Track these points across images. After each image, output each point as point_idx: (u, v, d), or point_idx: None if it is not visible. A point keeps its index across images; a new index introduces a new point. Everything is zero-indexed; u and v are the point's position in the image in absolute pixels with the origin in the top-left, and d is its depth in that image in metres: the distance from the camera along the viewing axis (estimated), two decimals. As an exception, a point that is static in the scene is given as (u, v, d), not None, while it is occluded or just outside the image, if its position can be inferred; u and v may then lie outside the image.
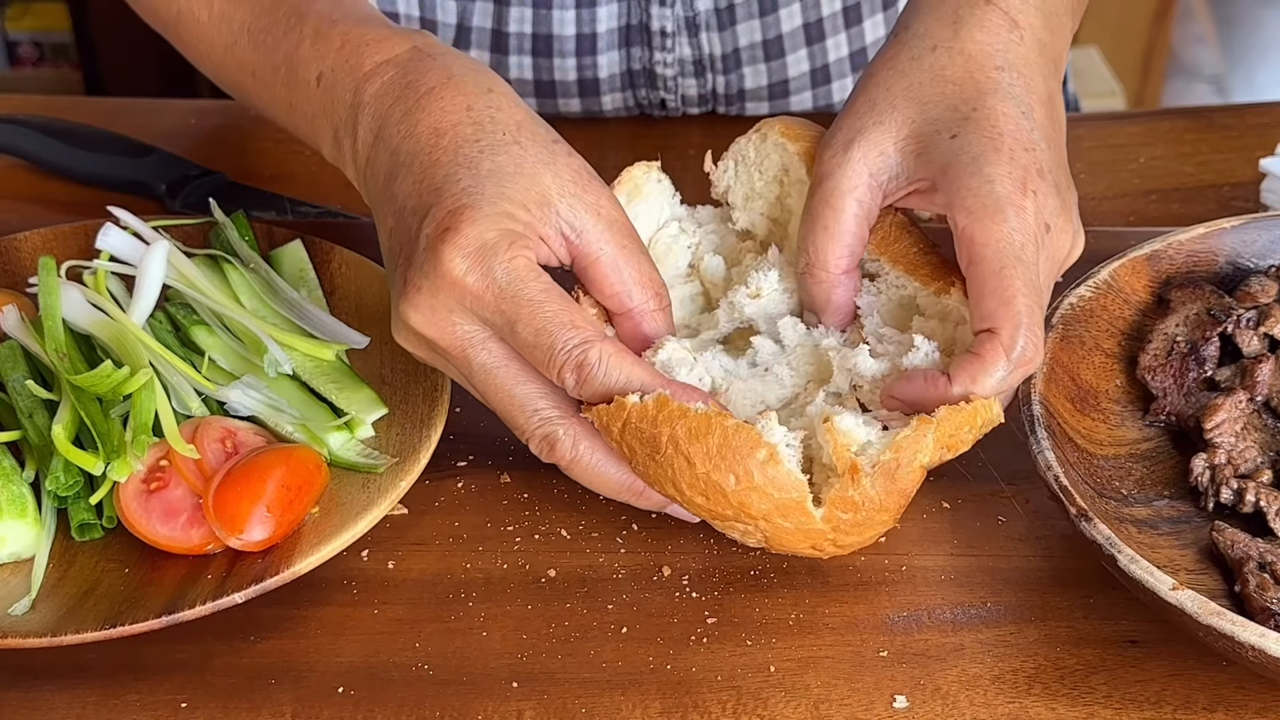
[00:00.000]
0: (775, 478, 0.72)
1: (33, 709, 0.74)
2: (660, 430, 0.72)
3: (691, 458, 0.72)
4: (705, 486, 0.72)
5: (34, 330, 0.87)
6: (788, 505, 0.73)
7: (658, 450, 0.73)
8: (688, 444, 0.72)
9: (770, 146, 0.86)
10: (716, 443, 0.72)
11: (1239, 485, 0.79)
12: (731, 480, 0.72)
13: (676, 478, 0.73)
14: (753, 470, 0.72)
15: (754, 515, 0.73)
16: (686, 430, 0.72)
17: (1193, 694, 0.74)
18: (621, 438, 0.73)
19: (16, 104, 1.24)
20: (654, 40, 1.19)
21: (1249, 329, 0.85)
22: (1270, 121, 1.20)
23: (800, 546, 0.75)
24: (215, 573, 0.77)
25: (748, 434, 0.72)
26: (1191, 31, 3.43)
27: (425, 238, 0.75)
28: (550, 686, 0.75)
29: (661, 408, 0.72)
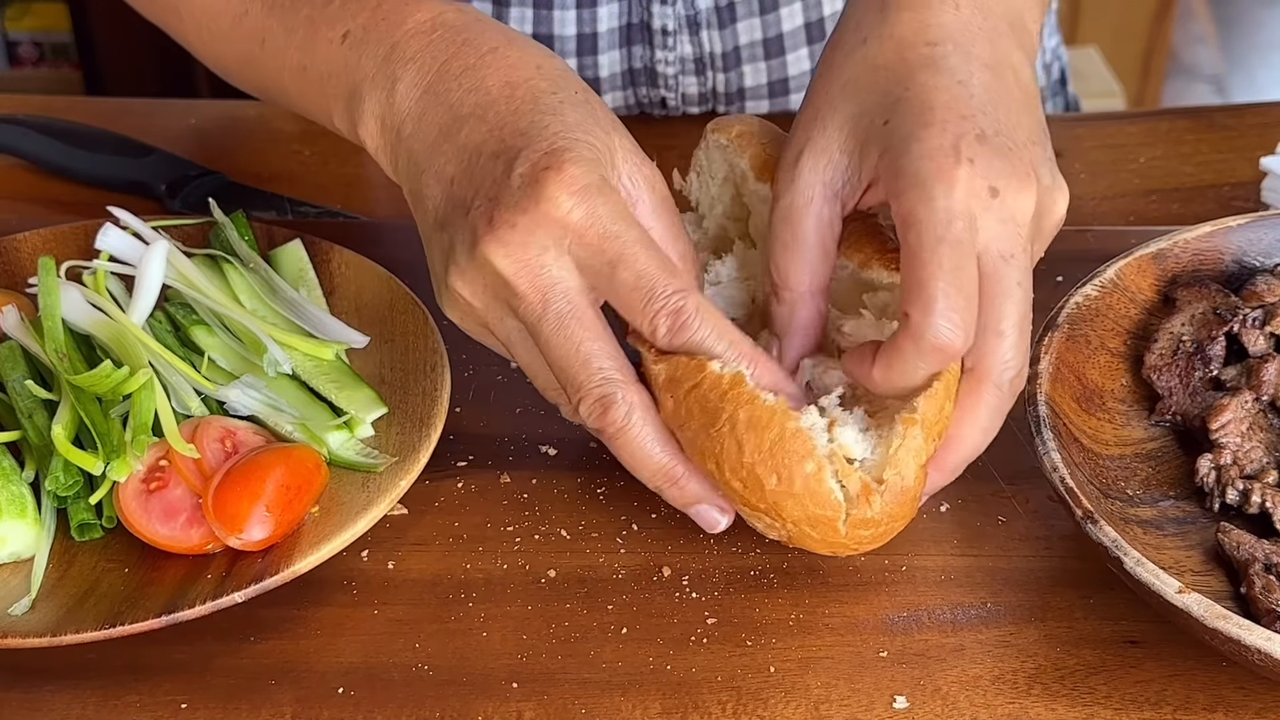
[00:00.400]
0: (816, 492, 0.72)
1: (33, 709, 0.74)
2: (724, 406, 0.72)
3: (743, 444, 0.72)
4: (746, 475, 0.72)
5: (34, 330, 0.87)
6: (819, 519, 0.73)
7: (714, 424, 0.72)
8: (745, 430, 0.72)
9: (714, 149, 0.86)
10: (772, 439, 0.72)
11: (1245, 486, 0.79)
12: (774, 480, 0.72)
13: (722, 457, 0.73)
14: (795, 478, 0.72)
15: (784, 517, 0.73)
16: (748, 416, 0.72)
17: (1193, 694, 0.74)
18: (686, 398, 0.73)
19: (16, 104, 1.24)
20: (655, 39, 1.19)
21: (1255, 328, 0.85)
22: (1270, 121, 1.20)
23: (820, 549, 0.75)
24: (215, 572, 0.77)
25: (803, 442, 0.71)
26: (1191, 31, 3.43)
27: (520, 177, 0.73)
28: (550, 687, 0.75)
29: (735, 385, 0.72)
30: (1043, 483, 0.78)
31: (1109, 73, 2.78)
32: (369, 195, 1.15)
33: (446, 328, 0.91)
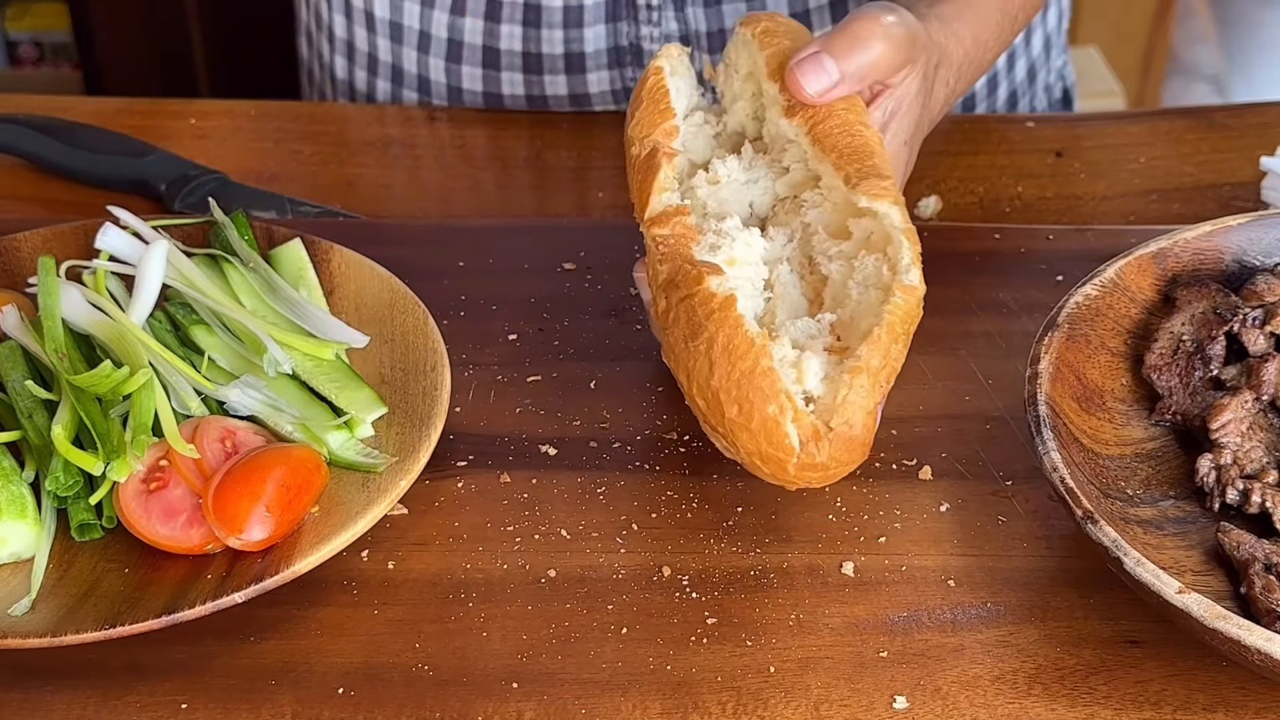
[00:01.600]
0: (772, 434, 0.73)
1: (33, 709, 0.74)
2: (708, 325, 0.73)
3: (714, 367, 0.73)
4: (710, 396, 0.73)
5: (34, 330, 0.87)
6: (770, 457, 0.74)
7: (694, 338, 0.74)
8: (720, 353, 0.73)
9: (740, 44, 0.88)
10: (742, 371, 0.73)
11: (1245, 486, 0.79)
12: (735, 410, 0.73)
13: (693, 372, 0.74)
14: (755, 415, 0.73)
15: (737, 445, 0.75)
16: (726, 341, 0.73)
17: (1193, 694, 0.74)
18: (678, 305, 0.75)
19: (16, 104, 1.24)
20: (640, 14, 1.20)
21: (1255, 328, 0.85)
22: (1270, 121, 1.20)
23: (768, 480, 0.77)
24: (215, 573, 0.77)
25: (772, 382, 0.72)
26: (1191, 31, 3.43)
27: None
28: (550, 687, 0.75)
29: (724, 308, 0.73)
30: (1043, 483, 0.78)
31: (1109, 73, 2.78)
32: (369, 195, 1.15)
33: (446, 327, 0.91)
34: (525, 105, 1.25)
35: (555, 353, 0.95)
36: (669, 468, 0.87)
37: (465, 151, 1.21)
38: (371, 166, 1.18)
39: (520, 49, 1.22)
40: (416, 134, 1.22)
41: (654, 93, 0.84)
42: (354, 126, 1.26)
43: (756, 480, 0.85)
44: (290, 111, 1.26)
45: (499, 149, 1.20)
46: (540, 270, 1.01)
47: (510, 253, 1.03)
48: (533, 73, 1.23)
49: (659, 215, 0.79)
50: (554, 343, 0.96)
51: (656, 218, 0.79)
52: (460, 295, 0.99)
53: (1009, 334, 0.95)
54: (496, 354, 0.95)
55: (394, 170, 1.18)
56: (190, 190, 1.10)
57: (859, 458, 0.76)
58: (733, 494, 0.85)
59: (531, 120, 1.23)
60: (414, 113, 1.26)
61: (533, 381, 0.93)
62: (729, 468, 0.86)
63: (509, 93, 1.25)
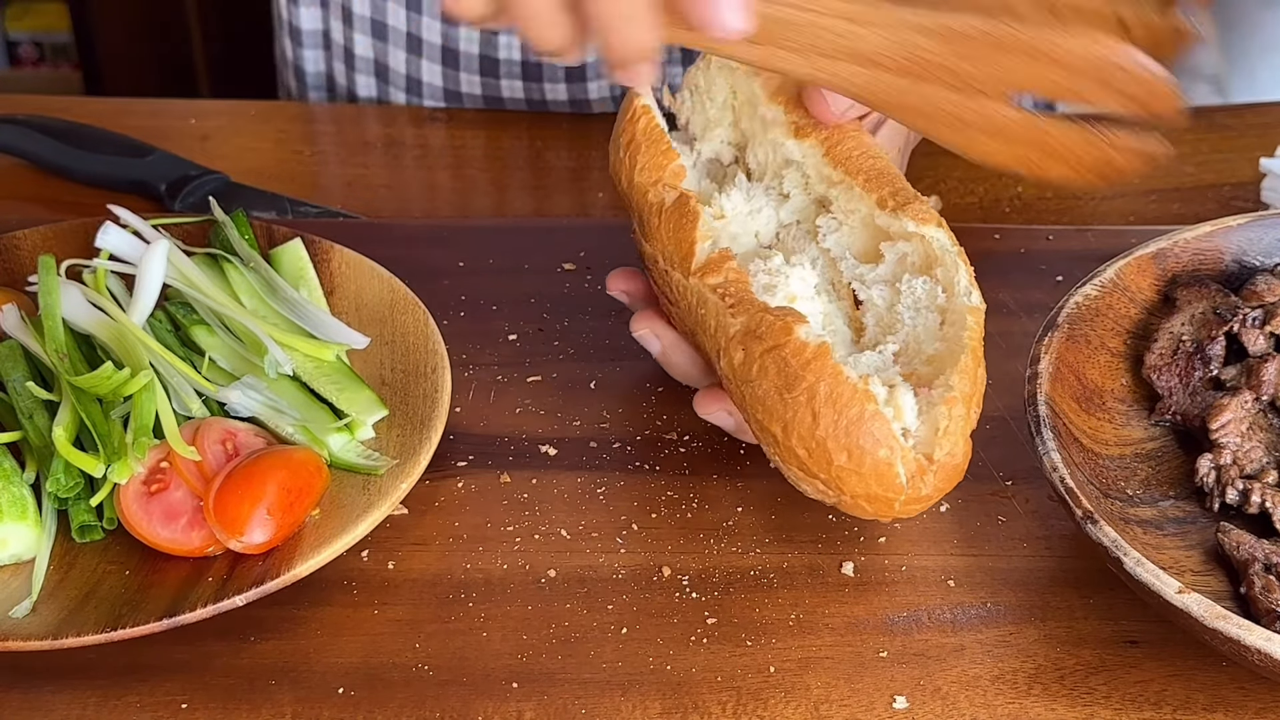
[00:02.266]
0: (884, 476, 0.73)
1: (33, 710, 0.74)
2: (805, 375, 0.72)
3: (819, 417, 0.72)
4: (815, 446, 0.72)
5: (34, 329, 0.87)
6: (879, 499, 0.74)
7: (790, 389, 0.72)
8: (823, 403, 0.72)
9: (716, 71, 0.86)
10: (851, 418, 0.72)
11: (1245, 486, 0.79)
12: (844, 458, 0.72)
13: (792, 423, 0.73)
14: (866, 460, 0.72)
15: (843, 490, 0.74)
16: (829, 391, 0.72)
17: (1193, 694, 0.74)
18: (763, 356, 0.73)
19: (16, 104, 1.24)
20: None
21: (1255, 328, 0.85)
22: (1270, 121, 1.20)
23: (865, 517, 0.76)
24: (216, 575, 0.77)
25: (882, 427, 0.72)
26: (1191, 31, 3.43)
27: None
28: (550, 687, 0.75)
29: (819, 356, 0.72)
30: (1043, 483, 0.78)
31: (1109, 72, 2.78)
32: (369, 195, 1.15)
33: (446, 328, 0.91)
34: (526, 109, 1.25)
35: (555, 353, 0.95)
36: (669, 468, 0.87)
37: (465, 151, 1.21)
38: (371, 166, 1.18)
39: (519, 58, 1.22)
40: (416, 134, 1.22)
41: (650, 134, 0.82)
42: (354, 127, 1.26)
43: (756, 480, 0.86)
44: (290, 111, 1.27)
45: (499, 149, 1.20)
46: (540, 270, 1.02)
47: (510, 253, 1.03)
48: (533, 80, 1.23)
49: (707, 264, 0.77)
50: (554, 343, 0.96)
51: (706, 267, 0.77)
52: (460, 295, 0.99)
53: (1009, 334, 0.95)
54: (496, 354, 0.95)
55: (394, 170, 1.18)
56: (190, 190, 1.10)
57: (956, 482, 0.76)
58: (733, 494, 0.85)
59: (531, 120, 1.23)
60: (414, 113, 1.26)
61: (533, 381, 0.93)
62: (729, 467, 0.86)
63: (509, 96, 1.25)
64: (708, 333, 0.77)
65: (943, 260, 0.78)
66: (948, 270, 0.78)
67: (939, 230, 0.79)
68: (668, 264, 0.80)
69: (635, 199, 0.82)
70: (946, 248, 0.78)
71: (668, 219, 0.80)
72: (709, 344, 0.78)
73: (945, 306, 0.78)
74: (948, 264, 0.78)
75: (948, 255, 0.78)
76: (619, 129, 0.84)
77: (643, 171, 0.82)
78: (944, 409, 0.73)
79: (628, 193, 0.83)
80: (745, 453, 0.87)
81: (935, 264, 0.79)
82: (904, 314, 0.79)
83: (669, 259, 0.79)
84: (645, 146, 0.82)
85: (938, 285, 0.78)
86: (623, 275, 0.87)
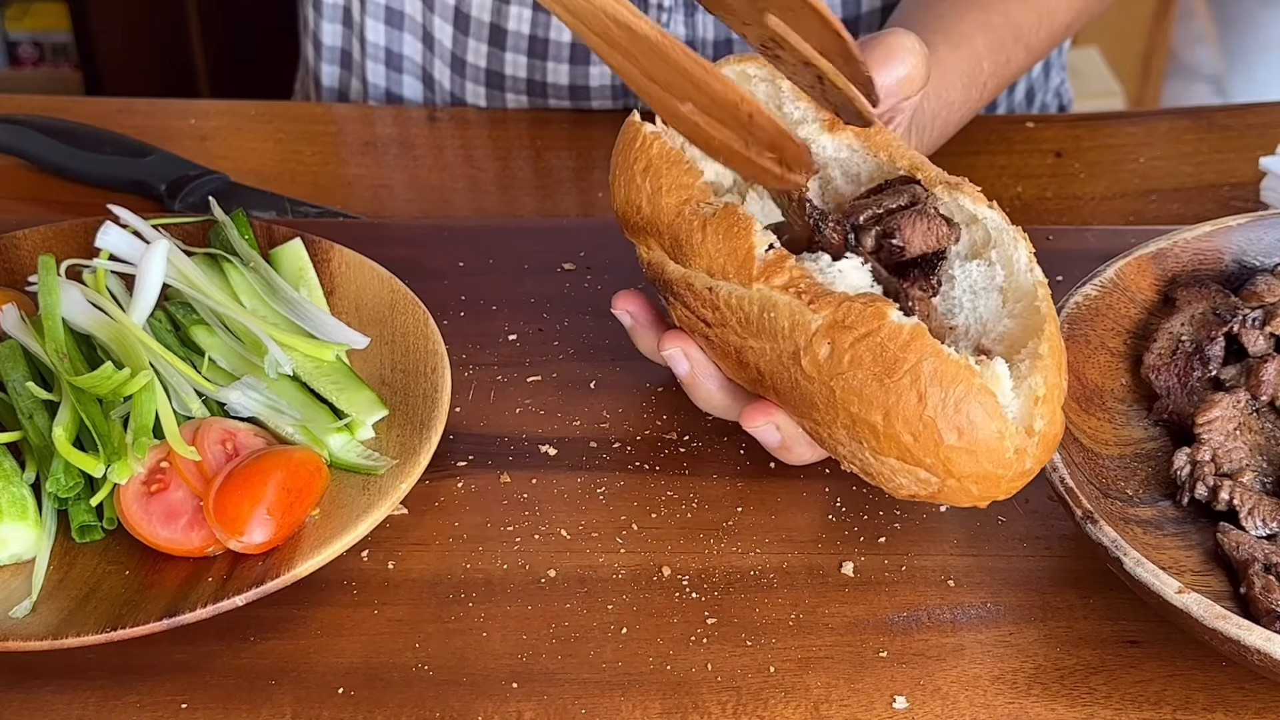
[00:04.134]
0: (994, 451, 0.72)
1: (33, 710, 0.74)
2: (906, 356, 0.71)
3: (926, 397, 0.71)
4: (922, 429, 0.71)
5: (34, 329, 0.87)
6: (988, 476, 0.73)
7: (891, 374, 0.71)
8: (929, 382, 0.71)
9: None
10: (958, 395, 0.71)
11: (1215, 482, 0.79)
12: (954, 436, 0.71)
13: (895, 408, 0.71)
14: (979, 436, 0.71)
15: (952, 472, 0.72)
16: (934, 369, 0.71)
17: (1193, 694, 0.74)
18: (855, 345, 0.72)
19: (16, 104, 1.24)
20: (650, 13, 1.20)
21: (1255, 328, 0.85)
22: (1270, 121, 1.20)
23: (964, 502, 0.75)
24: (216, 575, 0.77)
25: (991, 401, 0.71)
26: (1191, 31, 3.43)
27: None
28: (550, 687, 0.75)
29: (917, 336, 0.71)
30: (1043, 483, 0.78)
31: (1109, 73, 2.78)
32: (369, 195, 1.15)
33: (446, 328, 0.91)
34: (525, 89, 1.25)
35: (555, 353, 0.95)
36: (669, 468, 0.87)
37: (465, 151, 1.21)
38: (371, 166, 1.18)
39: (528, 31, 1.22)
40: (416, 134, 1.22)
41: (668, 157, 0.81)
42: (354, 127, 1.26)
43: (756, 480, 0.86)
44: (290, 111, 1.26)
45: (499, 149, 1.20)
46: (540, 270, 1.02)
47: (510, 253, 1.03)
48: (537, 57, 1.23)
49: (768, 266, 0.76)
50: (554, 343, 0.96)
51: (767, 269, 0.76)
52: (460, 295, 0.99)
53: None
54: (496, 354, 0.95)
55: (394, 170, 1.18)
56: (190, 190, 1.10)
57: (1054, 453, 0.75)
58: (733, 494, 0.85)
59: (531, 120, 1.23)
60: (414, 113, 1.26)
61: (533, 381, 0.93)
62: (729, 467, 0.86)
63: (510, 73, 1.25)
64: (780, 336, 0.75)
65: (999, 240, 0.78)
66: (1005, 249, 0.78)
67: (991, 210, 0.79)
68: (719, 276, 0.78)
69: (665, 221, 0.80)
70: (1001, 227, 0.78)
71: (714, 232, 0.78)
72: (781, 347, 0.75)
73: (1005, 286, 0.77)
74: (1005, 243, 0.78)
75: (1004, 235, 0.78)
76: (628, 159, 0.83)
77: (669, 193, 0.80)
78: (1039, 378, 0.72)
79: (652, 218, 0.81)
80: (745, 453, 0.87)
81: (990, 245, 0.79)
82: (961, 298, 0.79)
83: (720, 271, 0.77)
84: (665, 169, 0.80)
85: (995, 266, 0.78)
86: (628, 296, 0.86)
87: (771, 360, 0.76)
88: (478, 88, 1.27)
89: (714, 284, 0.78)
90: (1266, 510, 0.77)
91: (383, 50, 1.29)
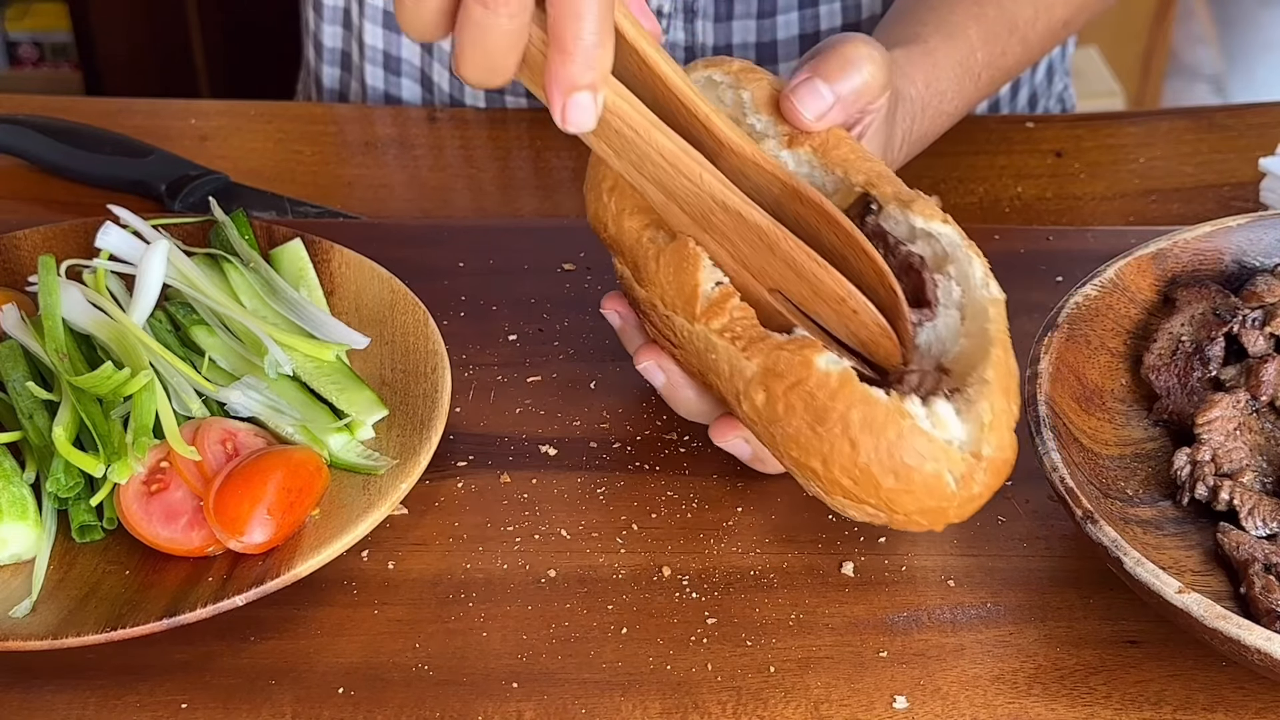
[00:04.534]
0: (934, 488, 0.71)
1: (33, 710, 0.74)
2: (835, 405, 0.70)
3: (858, 445, 0.70)
4: (859, 474, 0.71)
5: (34, 329, 0.87)
6: (933, 511, 0.72)
7: (822, 423, 0.71)
8: (859, 430, 0.70)
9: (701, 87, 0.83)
10: (890, 440, 0.70)
11: (1215, 482, 0.79)
12: (891, 480, 0.71)
13: (831, 455, 0.71)
14: (915, 477, 0.71)
15: (896, 510, 0.72)
16: (863, 417, 0.70)
17: (1193, 694, 0.74)
18: (787, 393, 0.71)
19: (16, 104, 1.24)
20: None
21: (1255, 329, 0.85)
22: (1270, 121, 1.20)
23: (919, 529, 0.75)
24: (216, 575, 0.77)
25: (924, 441, 0.70)
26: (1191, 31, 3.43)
27: None
28: (550, 687, 0.75)
29: (845, 384, 0.70)
30: (1043, 483, 0.78)
31: (1109, 73, 2.78)
32: (369, 195, 1.15)
33: (446, 328, 0.91)
34: (525, 91, 1.25)
35: (555, 353, 0.95)
36: (669, 468, 0.87)
37: (465, 151, 1.21)
38: (371, 166, 1.18)
39: None
40: (416, 134, 1.22)
41: None
42: (354, 127, 1.26)
43: (757, 480, 0.85)
44: (290, 111, 1.26)
45: (499, 149, 1.20)
46: (540, 270, 1.02)
47: (510, 253, 1.03)
48: None
49: (710, 307, 0.75)
50: (554, 343, 0.96)
51: (709, 310, 0.75)
52: (460, 295, 0.99)
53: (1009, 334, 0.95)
54: (496, 354, 0.95)
55: (394, 170, 1.18)
56: (190, 191, 1.10)
57: (1005, 477, 0.74)
58: (733, 494, 0.85)
59: (531, 120, 1.23)
60: (414, 113, 1.26)
61: (533, 381, 0.93)
62: (729, 468, 0.86)
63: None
64: (722, 377, 0.75)
65: (954, 257, 0.77)
66: (961, 265, 0.77)
67: (946, 226, 0.78)
68: (669, 309, 0.77)
69: (626, 244, 0.80)
70: (956, 243, 0.77)
71: (665, 264, 0.77)
72: (725, 388, 0.76)
73: (963, 303, 0.77)
74: (960, 259, 0.77)
75: (959, 251, 0.77)
76: (596, 176, 0.82)
77: (631, 216, 0.79)
78: (985, 404, 0.72)
79: (616, 238, 0.81)
80: (745, 453, 0.87)
81: (946, 262, 0.78)
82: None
83: (670, 304, 0.77)
84: (629, 190, 0.79)
85: (952, 282, 0.77)
86: (616, 297, 0.85)
87: (724, 395, 0.77)
88: (477, 90, 1.27)
89: (669, 314, 0.78)
90: (1267, 510, 0.77)
91: (380, 53, 1.29)
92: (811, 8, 1.20)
